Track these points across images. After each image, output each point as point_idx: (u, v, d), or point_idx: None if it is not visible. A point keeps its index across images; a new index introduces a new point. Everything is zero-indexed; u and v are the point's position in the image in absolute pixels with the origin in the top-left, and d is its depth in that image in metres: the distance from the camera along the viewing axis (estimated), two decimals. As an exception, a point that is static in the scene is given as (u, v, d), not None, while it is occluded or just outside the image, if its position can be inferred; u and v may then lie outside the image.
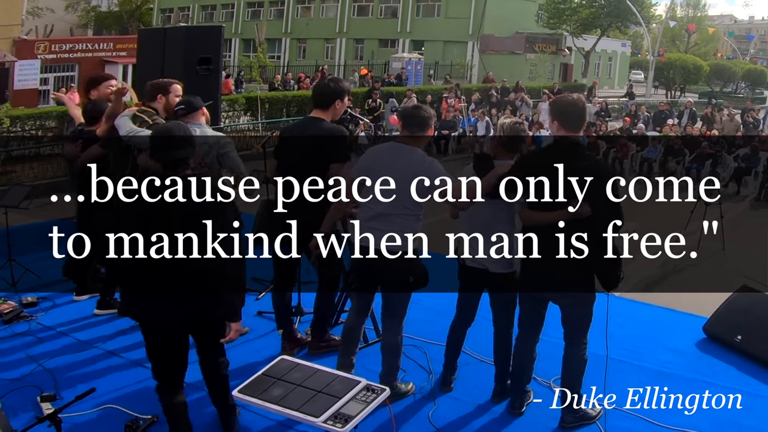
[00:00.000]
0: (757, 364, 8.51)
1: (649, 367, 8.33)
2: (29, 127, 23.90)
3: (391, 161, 6.81)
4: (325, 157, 7.38)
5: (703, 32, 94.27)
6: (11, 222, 10.42)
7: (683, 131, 28.99)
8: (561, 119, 6.60)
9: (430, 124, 6.97)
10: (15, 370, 7.60)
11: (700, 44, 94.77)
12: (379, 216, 6.79)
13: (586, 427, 6.97)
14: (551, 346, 7.18)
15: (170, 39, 11.67)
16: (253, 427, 6.73)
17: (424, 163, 6.70)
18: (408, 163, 6.72)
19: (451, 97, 35.97)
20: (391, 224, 6.73)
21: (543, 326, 7.08)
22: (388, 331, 7.17)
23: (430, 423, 6.94)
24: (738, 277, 13.72)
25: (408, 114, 7.15)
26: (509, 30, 65.64)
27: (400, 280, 6.86)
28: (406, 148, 6.82)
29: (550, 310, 6.96)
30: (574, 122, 6.54)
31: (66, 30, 70.23)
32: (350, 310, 7.66)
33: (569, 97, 6.77)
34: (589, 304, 6.67)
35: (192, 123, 7.83)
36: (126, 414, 6.71)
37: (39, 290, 9.87)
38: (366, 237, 6.86)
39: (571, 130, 6.54)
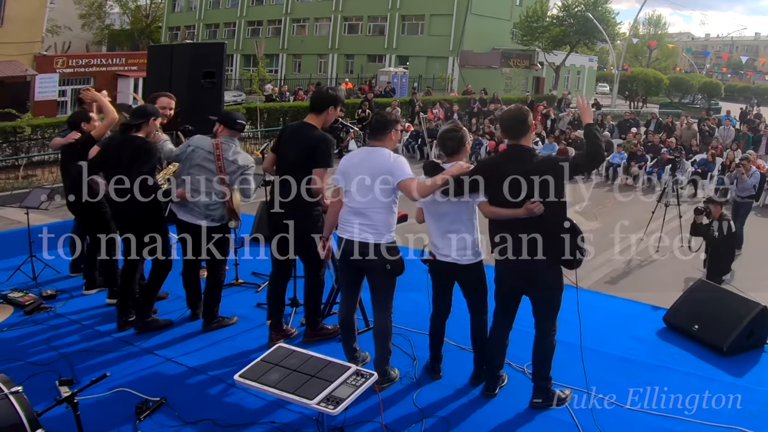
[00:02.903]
0: (712, 350, 8.54)
1: (614, 353, 8.36)
2: (48, 135, 23.75)
3: (362, 162, 6.94)
4: (310, 162, 7.40)
5: (663, 48, 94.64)
6: (32, 222, 10.39)
7: (645, 139, 29.10)
8: (503, 131, 6.80)
9: (390, 127, 7.03)
10: (35, 356, 7.60)
11: (661, 59, 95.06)
12: (356, 212, 6.91)
13: (555, 409, 6.99)
14: (525, 335, 7.17)
15: (177, 55, 11.65)
16: (252, 409, 6.72)
17: (389, 160, 6.81)
18: (375, 162, 6.85)
19: (435, 108, 36.10)
20: (367, 219, 6.85)
21: (515, 317, 7.10)
22: (378, 318, 7.19)
23: (413, 404, 6.94)
24: (695, 272, 13.81)
25: (370, 121, 7.26)
26: (486, 46, 65.91)
27: (380, 267, 6.91)
28: (375, 149, 6.94)
29: (522, 301, 6.98)
30: (515, 132, 6.63)
31: (82, 46, 70.33)
32: (340, 303, 7.70)
33: (510, 111, 6.88)
34: (558, 295, 6.71)
35: (226, 137, 7.90)
36: (136, 396, 6.71)
37: (57, 283, 9.87)
38: (347, 230, 6.98)
39: (515, 139, 6.64)
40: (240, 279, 10.12)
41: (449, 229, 7.02)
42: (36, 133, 23.68)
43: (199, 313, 8.62)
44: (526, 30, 66.58)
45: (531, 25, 66.10)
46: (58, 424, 5.79)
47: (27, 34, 34.57)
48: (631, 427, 6.75)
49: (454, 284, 7.37)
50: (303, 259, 8.06)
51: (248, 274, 10.32)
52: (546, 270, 6.59)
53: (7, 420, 4.84)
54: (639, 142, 28.22)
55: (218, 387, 7.17)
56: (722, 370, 8.11)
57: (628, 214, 19.78)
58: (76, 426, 5.33)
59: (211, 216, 8.00)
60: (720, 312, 8.84)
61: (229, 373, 6.76)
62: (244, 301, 9.28)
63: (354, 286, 7.42)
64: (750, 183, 17.58)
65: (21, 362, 7.40)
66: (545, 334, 6.86)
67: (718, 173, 24.75)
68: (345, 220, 7.03)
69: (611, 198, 22.66)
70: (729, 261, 13.45)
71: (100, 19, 79.00)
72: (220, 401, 6.90)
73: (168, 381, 7.27)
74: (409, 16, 69.81)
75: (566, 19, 65.30)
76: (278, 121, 31.68)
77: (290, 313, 8.77)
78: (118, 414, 6.49)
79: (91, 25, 76.91)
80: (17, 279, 9.85)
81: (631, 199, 23.50)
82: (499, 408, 6.99)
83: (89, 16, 76.42)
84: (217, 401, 6.89)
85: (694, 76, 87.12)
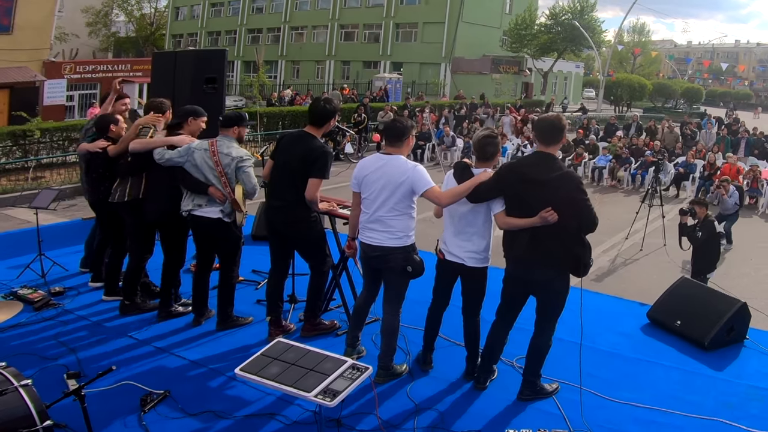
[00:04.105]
0: (694, 345, 8.56)
1: (600, 348, 8.36)
2: (57, 138, 23.95)
3: (380, 170, 6.83)
4: (307, 172, 7.40)
5: (647, 55, 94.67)
6: (41, 221, 10.38)
7: (630, 142, 29.13)
8: (536, 135, 6.66)
9: (407, 133, 6.95)
10: (44, 351, 7.58)
11: (645, 66, 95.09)
12: (376, 219, 6.87)
13: (542, 401, 7.01)
14: (516, 331, 7.17)
15: (180, 61, 11.62)
16: (252, 401, 6.73)
17: (408, 169, 6.73)
18: (394, 170, 6.75)
19: (426, 112, 36.05)
20: (387, 225, 6.82)
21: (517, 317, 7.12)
22: (388, 314, 7.19)
23: (408, 397, 6.94)
24: (678, 270, 13.83)
25: (386, 127, 7.19)
26: (477, 53, 65.93)
27: (400, 269, 6.92)
28: (390, 157, 6.84)
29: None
30: (548, 138, 6.54)
31: (89, 53, 70.39)
32: (361, 292, 7.69)
33: (548, 116, 6.77)
34: (564, 299, 6.70)
35: (223, 136, 7.88)
36: (141, 389, 6.69)
37: (65, 281, 9.86)
38: (368, 236, 6.96)
39: (544, 145, 6.56)
40: (240, 276, 10.11)
41: (463, 230, 7.01)
42: (45, 136, 23.61)
43: (202, 320, 8.58)
44: (515, 37, 66.85)
45: (520, 32, 66.37)
46: (66, 415, 5.80)
47: (36, 41, 34.57)
48: (617, 418, 6.76)
49: (457, 280, 7.37)
50: (305, 258, 8.10)
51: (248, 272, 10.31)
52: (558, 277, 6.58)
53: (17, 411, 4.86)
54: (623, 145, 28.21)
55: (220, 380, 7.17)
56: (704, 364, 8.13)
57: (613, 214, 19.85)
58: (83, 417, 5.33)
59: (222, 210, 7.98)
60: (701, 308, 8.87)
61: (230, 366, 6.73)
62: (245, 297, 9.26)
63: (375, 282, 7.43)
64: (731, 203, 17.63)
65: (30, 356, 7.37)
66: (543, 333, 6.86)
67: (699, 174, 24.81)
68: (365, 226, 7.01)
69: (597, 199, 22.65)
70: (713, 260, 13.45)
71: (107, 27, 79.04)
72: (222, 394, 6.90)
73: (171, 374, 7.26)
74: (403, 24, 69.80)
75: (554, 27, 65.59)
76: (277, 125, 31.72)
77: (288, 309, 8.79)
78: (124, 406, 6.49)
79: (97, 33, 76.95)
80: (27, 276, 9.81)
81: (616, 200, 23.57)
82: (490, 400, 7.00)
83: (96, 24, 76.43)
84: (219, 394, 6.90)
85: (676, 81, 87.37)
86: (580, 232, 6.43)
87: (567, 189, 6.30)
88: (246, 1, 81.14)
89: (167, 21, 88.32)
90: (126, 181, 8.50)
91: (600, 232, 8.03)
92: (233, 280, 8.43)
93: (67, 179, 20.74)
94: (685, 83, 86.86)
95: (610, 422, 6.66)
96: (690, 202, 14.74)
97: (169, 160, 7.91)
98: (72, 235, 11.82)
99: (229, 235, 8.12)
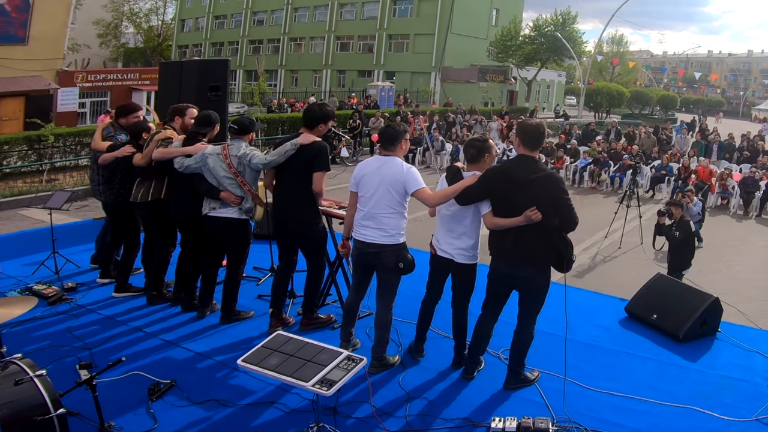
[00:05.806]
0: (669, 338, 8.57)
1: (580, 340, 8.36)
2: (70, 143, 24.08)
3: (377, 171, 6.92)
4: (312, 168, 7.44)
5: (624, 65, 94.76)
6: (55, 221, 10.34)
7: (609, 146, 29.17)
8: (520, 139, 6.66)
9: (400, 137, 7.04)
10: (58, 343, 7.60)
11: (623, 74, 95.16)
12: (370, 216, 6.93)
13: (525, 389, 7.03)
14: (501, 324, 7.18)
15: (186, 70, 11.59)
16: (253, 390, 6.74)
17: (402, 171, 6.81)
18: (389, 171, 6.85)
19: (417, 117, 36.06)
20: (381, 223, 6.88)
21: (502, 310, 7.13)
22: (381, 309, 7.22)
23: (400, 387, 6.96)
24: (655, 267, 13.85)
25: (380, 132, 7.26)
26: (465, 62, 66.01)
27: (393, 266, 6.97)
28: (388, 159, 6.95)
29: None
30: (531, 143, 6.57)
31: (100, 62, 70.27)
32: (350, 293, 7.75)
33: (531, 122, 6.78)
34: (545, 294, 6.73)
35: (237, 139, 7.91)
36: (149, 379, 6.71)
37: (77, 277, 9.86)
38: (362, 233, 7.00)
39: (527, 149, 6.58)
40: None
41: (453, 229, 7.07)
42: (58, 141, 23.73)
43: (206, 313, 8.58)
44: (501, 48, 66.83)
45: (505, 43, 66.39)
46: (79, 404, 5.81)
47: (50, 51, 34.52)
48: (596, 406, 6.76)
49: (449, 275, 7.39)
50: (306, 255, 8.11)
51: (250, 268, 10.29)
52: (538, 273, 6.61)
53: (33, 400, 4.88)
54: (603, 149, 28.26)
55: (223, 370, 7.18)
56: (678, 356, 8.13)
57: (592, 214, 19.90)
58: (95, 406, 5.35)
59: (242, 208, 8.01)
60: (676, 303, 8.88)
61: (233, 357, 6.75)
62: (246, 293, 9.25)
63: (364, 281, 7.47)
64: (695, 210, 17.68)
65: (45, 348, 7.40)
66: (526, 326, 6.88)
67: (674, 177, 24.80)
68: (359, 223, 7.05)
69: (578, 200, 22.68)
70: (689, 258, 13.48)
71: (116, 38, 78.94)
72: (225, 383, 6.91)
73: (178, 365, 7.27)
74: (395, 36, 69.80)
75: (537, 38, 65.54)
76: (277, 130, 31.68)
77: (288, 303, 8.78)
78: (133, 395, 6.51)
79: (108, 44, 76.85)
80: (41, 273, 9.82)
81: (596, 201, 23.60)
82: (477, 390, 7.01)
83: (106, 35, 76.28)
84: (222, 383, 6.90)
85: (652, 89, 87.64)
86: (561, 230, 6.46)
87: (549, 189, 6.35)
88: (248, 14, 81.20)
89: (173, 33, 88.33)
90: (149, 183, 8.58)
91: (580, 230, 8.05)
92: (239, 277, 8.44)
93: (79, 181, 20.78)
94: (660, 91, 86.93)
95: (590, 410, 6.66)
96: (666, 204, 14.79)
97: (188, 168, 7.97)
98: (84, 234, 11.81)
99: (241, 235, 8.18)
